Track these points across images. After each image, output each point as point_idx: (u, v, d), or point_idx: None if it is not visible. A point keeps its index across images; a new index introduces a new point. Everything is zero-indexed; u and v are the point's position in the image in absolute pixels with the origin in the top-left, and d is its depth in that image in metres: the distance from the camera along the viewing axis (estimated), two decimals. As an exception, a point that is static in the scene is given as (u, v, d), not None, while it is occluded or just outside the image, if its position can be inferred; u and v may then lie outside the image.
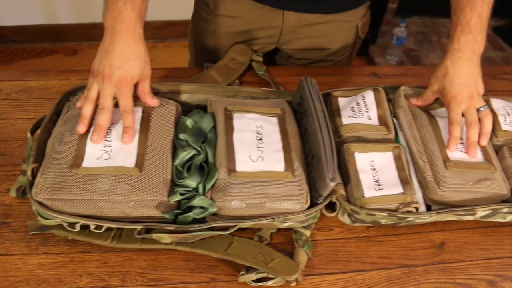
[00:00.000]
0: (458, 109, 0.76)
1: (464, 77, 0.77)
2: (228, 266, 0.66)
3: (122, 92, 0.68)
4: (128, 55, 0.69)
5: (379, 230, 0.73)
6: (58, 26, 2.46)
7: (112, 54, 0.68)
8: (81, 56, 2.47)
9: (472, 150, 0.75)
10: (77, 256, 0.66)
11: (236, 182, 0.65)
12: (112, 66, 0.67)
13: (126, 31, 0.69)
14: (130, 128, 0.68)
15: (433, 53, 2.55)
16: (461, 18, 0.78)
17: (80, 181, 0.63)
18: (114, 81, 0.67)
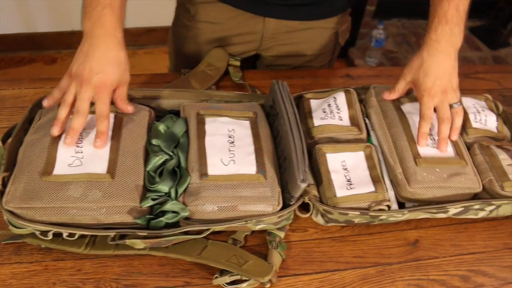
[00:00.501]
0: (431, 103, 0.76)
1: (439, 70, 0.76)
2: (203, 269, 0.66)
3: (100, 97, 0.67)
4: (109, 60, 0.68)
5: (354, 230, 0.74)
6: (37, 34, 2.44)
7: (92, 58, 0.67)
8: (61, 65, 2.45)
9: (443, 146, 0.75)
10: (50, 264, 0.65)
11: (208, 185, 0.65)
12: (92, 70, 0.67)
13: (106, 36, 0.68)
14: (103, 133, 0.67)
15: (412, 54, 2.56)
16: (438, 9, 0.77)
17: (51, 189, 0.62)
18: (93, 85, 0.66)
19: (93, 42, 0.68)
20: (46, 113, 0.74)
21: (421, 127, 0.75)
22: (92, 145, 0.67)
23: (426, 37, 0.78)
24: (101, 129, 0.67)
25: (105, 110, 0.67)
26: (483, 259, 0.72)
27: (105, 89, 0.67)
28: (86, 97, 0.67)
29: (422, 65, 0.77)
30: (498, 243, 0.75)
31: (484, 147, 0.79)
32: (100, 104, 0.67)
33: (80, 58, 0.68)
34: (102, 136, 0.67)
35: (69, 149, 0.67)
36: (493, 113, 0.87)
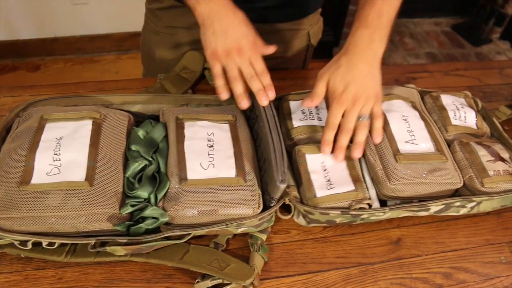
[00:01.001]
0: (338, 111, 0.72)
1: (354, 75, 0.72)
2: (185, 274, 0.66)
3: (254, 56, 0.72)
4: (243, 23, 0.73)
5: (336, 230, 0.74)
6: (19, 41, 2.42)
7: (233, 29, 0.71)
8: (44, 71, 2.43)
9: (338, 154, 0.73)
10: (31, 274, 0.65)
11: (187, 190, 0.65)
12: (239, 39, 0.71)
13: (227, 4, 0.72)
14: (271, 85, 0.73)
15: (395, 52, 2.60)
16: (360, 13, 0.75)
17: (29, 199, 0.62)
18: (247, 49, 0.71)
19: (222, 15, 0.71)
20: (24, 121, 0.74)
21: (324, 134, 0.73)
22: None
23: (346, 40, 0.76)
24: (268, 82, 0.73)
25: (263, 65, 0.73)
26: (465, 255, 0.73)
27: (254, 47, 0.73)
28: (248, 61, 0.72)
29: (338, 67, 0.73)
30: (480, 239, 0.76)
31: (464, 144, 0.79)
32: (257, 62, 0.73)
33: (219, 36, 0.71)
34: (272, 88, 0.73)
35: (47, 157, 0.66)
36: (473, 110, 0.88)
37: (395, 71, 1.08)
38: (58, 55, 2.50)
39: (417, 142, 0.76)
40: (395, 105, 0.82)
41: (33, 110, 0.75)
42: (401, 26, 2.81)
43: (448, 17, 2.94)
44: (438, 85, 1.06)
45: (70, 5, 2.30)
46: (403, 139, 0.76)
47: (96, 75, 2.35)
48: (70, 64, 2.48)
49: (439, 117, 0.85)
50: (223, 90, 0.74)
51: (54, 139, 0.69)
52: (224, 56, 0.71)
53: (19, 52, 2.46)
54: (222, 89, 0.74)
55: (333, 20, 2.44)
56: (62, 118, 0.72)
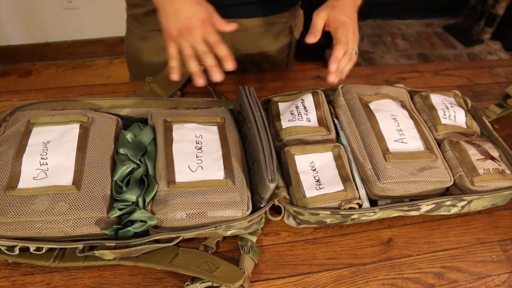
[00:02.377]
0: (347, 33, 0.78)
1: (349, 14, 0.80)
2: (175, 277, 0.65)
3: (208, 31, 0.72)
4: (192, 2, 0.73)
5: (327, 231, 0.73)
6: (10, 47, 2.41)
7: (182, 10, 0.72)
8: (36, 77, 2.41)
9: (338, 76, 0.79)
10: (19, 280, 0.64)
11: (176, 193, 0.65)
12: (189, 17, 0.72)
13: None
14: (228, 55, 0.72)
15: (387, 53, 2.61)
16: None
17: (16, 204, 0.61)
18: (197, 27, 0.72)
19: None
20: (11, 126, 0.73)
21: (336, 51, 0.78)
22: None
23: None
24: (225, 53, 0.72)
25: (217, 38, 0.73)
26: (457, 255, 0.73)
27: (207, 23, 0.73)
28: (201, 39, 0.72)
29: (334, 8, 0.80)
30: (471, 238, 0.76)
31: (454, 143, 0.79)
32: (211, 36, 0.72)
33: (171, 18, 0.73)
34: (229, 58, 0.72)
35: (34, 161, 0.66)
36: (462, 109, 0.88)
37: (385, 72, 1.08)
38: (49, 60, 2.49)
39: (407, 141, 0.76)
40: (384, 104, 0.81)
41: (20, 114, 0.75)
42: (392, 28, 2.82)
43: (440, 18, 2.95)
44: (428, 85, 1.07)
45: (61, 10, 2.29)
46: (392, 138, 0.76)
47: (88, 80, 2.34)
48: (62, 69, 2.47)
49: (429, 116, 0.85)
50: (174, 71, 0.75)
51: (41, 143, 0.68)
52: (177, 37, 0.73)
53: (10, 57, 2.45)
54: (174, 70, 0.75)
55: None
56: (49, 122, 0.72)
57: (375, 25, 2.83)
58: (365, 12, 2.79)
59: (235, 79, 1.01)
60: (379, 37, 2.74)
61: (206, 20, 0.73)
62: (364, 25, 2.79)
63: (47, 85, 2.33)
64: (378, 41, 2.71)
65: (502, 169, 0.76)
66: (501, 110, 0.97)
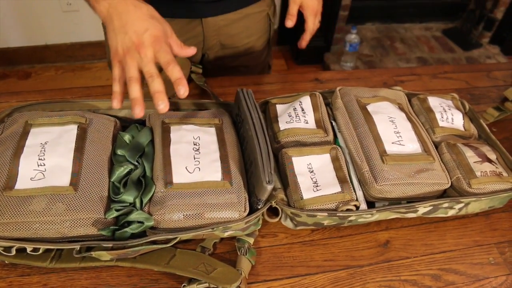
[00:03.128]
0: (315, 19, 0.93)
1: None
2: (172, 279, 0.65)
3: (159, 49, 0.63)
4: (145, 16, 0.64)
5: (324, 233, 0.73)
6: (9, 49, 2.41)
7: (131, 23, 0.63)
8: (35, 79, 2.42)
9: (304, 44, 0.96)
10: (15, 281, 0.64)
11: (173, 194, 0.65)
12: (138, 33, 0.62)
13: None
14: (182, 78, 0.62)
15: (386, 57, 2.61)
16: None
17: (13, 204, 0.61)
18: (148, 44, 0.62)
19: (120, 11, 0.64)
20: (9, 127, 0.73)
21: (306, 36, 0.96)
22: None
23: None
24: (178, 75, 0.62)
25: (171, 57, 0.63)
26: (454, 257, 0.73)
27: (161, 40, 0.64)
28: (150, 59, 0.62)
29: None
30: (469, 241, 0.76)
31: (451, 146, 0.80)
32: (162, 54, 0.63)
33: (119, 34, 0.63)
34: (182, 81, 0.62)
35: (31, 162, 0.66)
36: (460, 112, 0.88)
37: (383, 74, 1.08)
38: (49, 62, 2.49)
39: (404, 143, 0.76)
40: (381, 106, 0.82)
41: (18, 115, 0.75)
42: (391, 31, 2.83)
43: (438, 22, 2.96)
44: (426, 88, 1.07)
45: (60, 12, 2.30)
46: (390, 140, 0.76)
47: (88, 82, 2.34)
48: (61, 71, 2.47)
49: (426, 119, 0.85)
50: (115, 97, 0.64)
51: (39, 144, 0.68)
52: (123, 55, 0.63)
53: (10, 60, 2.45)
54: (115, 95, 0.64)
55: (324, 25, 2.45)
56: (47, 123, 0.72)
57: (374, 28, 2.84)
58: (364, 15, 2.82)
59: (233, 80, 1.01)
60: (378, 41, 2.74)
61: (159, 38, 0.63)
62: (363, 29, 2.80)
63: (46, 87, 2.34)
64: (377, 44, 2.72)
65: (500, 172, 0.76)
66: (499, 113, 0.97)
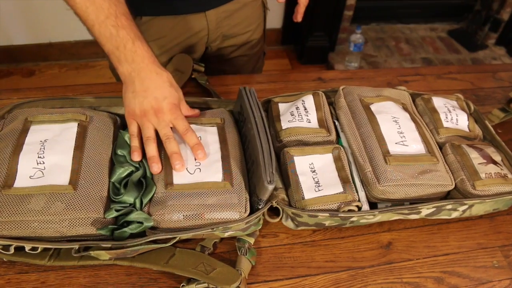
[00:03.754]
0: None
1: None
2: (171, 278, 0.64)
3: (177, 117, 0.70)
4: (165, 84, 0.70)
5: (325, 234, 0.73)
6: (13, 47, 2.42)
7: (152, 90, 0.69)
8: (39, 77, 2.42)
9: None
10: (13, 278, 0.63)
11: (173, 194, 0.64)
12: (158, 99, 0.69)
13: (150, 65, 0.70)
14: (199, 144, 0.69)
15: (391, 57, 2.60)
16: None
17: (11, 203, 0.61)
18: (166, 111, 0.69)
19: (143, 76, 0.69)
20: (9, 124, 0.73)
21: (299, 9, 0.90)
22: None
23: None
24: (195, 141, 0.69)
25: (187, 124, 0.70)
26: (457, 260, 0.72)
27: (177, 108, 0.71)
28: (166, 123, 0.69)
29: None
30: (472, 243, 0.74)
31: (456, 147, 0.78)
32: (179, 122, 0.70)
33: (138, 96, 0.69)
34: (200, 147, 0.69)
35: (31, 160, 0.65)
36: (464, 113, 0.87)
37: (387, 74, 1.07)
38: (53, 60, 2.50)
39: (408, 143, 0.75)
40: (385, 106, 0.81)
41: (18, 112, 0.74)
42: (396, 32, 2.81)
43: (444, 23, 2.94)
44: (430, 88, 1.06)
45: (64, 10, 2.29)
46: (393, 141, 0.75)
47: (91, 80, 2.35)
48: (65, 69, 2.48)
49: (431, 119, 0.84)
50: (135, 150, 0.70)
51: (39, 142, 0.68)
52: (141, 116, 0.69)
53: (14, 57, 2.46)
54: (134, 149, 0.70)
55: (328, 25, 2.45)
56: (47, 120, 0.71)
57: (378, 29, 2.83)
58: (368, 15, 2.81)
59: (235, 79, 1.00)
60: (383, 41, 2.73)
61: (176, 106, 0.70)
62: (367, 29, 2.79)
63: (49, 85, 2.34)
64: (381, 45, 2.70)
65: (505, 174, 0.75)
66: (504, 114, 0.96)
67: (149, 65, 0.69)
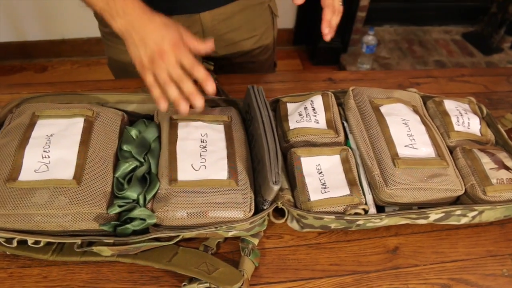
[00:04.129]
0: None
1: None
2: (173, 277, 0.64)
3: (180, 53, 0.67)
4: (160, 26, 0.68)
5: (331, 237, 0.71)
6: (27, 43, 2.44)
7: (149, 35, 0.67)
8: (52, 73, 2.44)
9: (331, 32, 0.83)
10: (16, 272, 0.64)
11: (177, 191, 0.63)
12: (157, 42, 0.67)
13: (142, 13, 0.68)
14: (208, 76, 0.68)
15: (404, 60, 2.57)
16: None
17: (15, 196, 0.61)
18: (169, 51, 0.67)
19: (136, 25, 0.68)
20: (16, 118, 0.73)
21: (325, 15, 0.81)
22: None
23: None
24: (204, 75, 0.68)
25: (192, 59, 0.68)
26: (466, 267, 0.70)
27: (179, 45, 0.68)
28: (174, 63, 0.67)
29: None
30: (482, 250, 0.73)
31: (467, 151, 0.77)
32: (184, 58, 0.67)
33: (139, 46, 0.68)
34: (209, 79, 0.67)
35: (36, 154, 0.65)
36: (477, 116, 0.85)
37: (398, 76, 1.06)
38: (65, 56, 2.51)
39: (417, 146, 0.74)
40: (395, 108, 0.79)
41: (26, 106, 0.75)
42: (410, 34, 2.78)
43: (458, 26, 2.90)
44: (442, 91, 1.04)
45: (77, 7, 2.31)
46: (402, 143, 0.74)
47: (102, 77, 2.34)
48: (77, 66, 2.49)
49: (442, 122, 0.83)
50: (160, 99, 0.69)
51: (45, 136, 0.68)
52: (150, 64, 0.68)
53: (27, 53, 2.48)
54: (159, 99, 0.69)
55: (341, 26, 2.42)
56: (54, 115, 0.71)
57: (392, 31, 2.80)
58: (382, 17, 2.78)
59: (244, 78, 1.00)
60: (396, 43, 2.70)
61: (177, 43, 0.68)
62: (381, 31, 2.76)
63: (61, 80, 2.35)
64: (394, 47, 2.68)
65: (517, 180, 0.73)
66: (518, 119, 0.94)
67: (140, 14, 0.68)
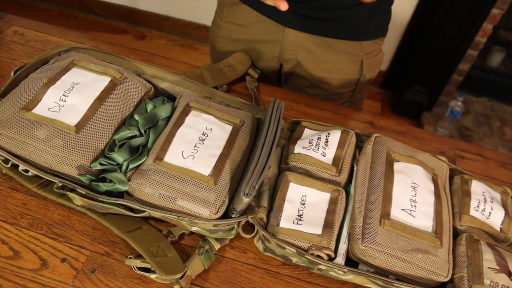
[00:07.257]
0: None
1: None
2: (128, 247, 0.66)
3: None
4: None
5: (293, 271, 0.68)
6: (137, 10, 2.63)
7: None
8: (148, 42, 2.60)
9: None
10: (4, 190, 0.70)
11: (158, 170, 0.65)
12: None
13: None
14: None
15: (489, 138, 2.39)
16: None
17: (22, 123, 0.66)
18: None
19: None
20: (60, 61, 0.79)
21: None
22: None
23: None
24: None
25: None
26: None
27: None
28: None
29: None
30: None
31: (472, 240, 0.70)
32: None
33: None
34: None
35: (56, 95, 0.70)
36: (503, 209, 0.77)
37: (444, 143, 0.99)
38: (164, 32, 2.67)
39: (416, 215, 0.69)
40: (411, 169, 0.74)
41: (72, 54, 0.81)
42: (505, 114, 2.59)
43: None
44: (487, 174, 0.95)
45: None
46: (400, 206, 0.69)
47: (189, 60, 2.47)
48: (172, 43, 2.63)
49: (459, 202, 0.76)
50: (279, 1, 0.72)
51: (71, 83, 0.73)
52: None
53: (134, 19, 2.67)
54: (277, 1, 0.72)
55: (432, 83, 2.32)
56: (87, 67, 0.76)
57: (488, 105, 2.62)
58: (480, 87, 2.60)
59: (286, 94, 0.99)
60: (487, 118, 2.52)
61: None
62: (475, 101, 2.60)
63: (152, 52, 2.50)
64: (484, 121, 2.50)
65: (515, 291, 0.65)
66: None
67: None
